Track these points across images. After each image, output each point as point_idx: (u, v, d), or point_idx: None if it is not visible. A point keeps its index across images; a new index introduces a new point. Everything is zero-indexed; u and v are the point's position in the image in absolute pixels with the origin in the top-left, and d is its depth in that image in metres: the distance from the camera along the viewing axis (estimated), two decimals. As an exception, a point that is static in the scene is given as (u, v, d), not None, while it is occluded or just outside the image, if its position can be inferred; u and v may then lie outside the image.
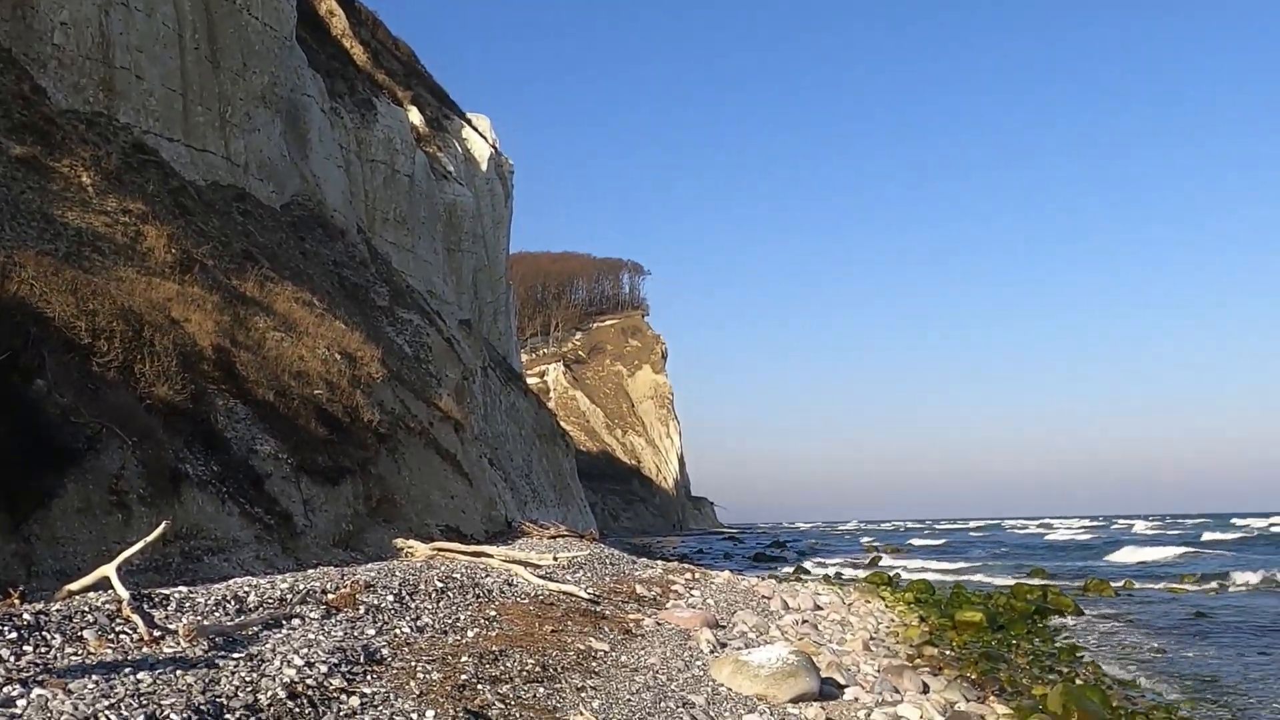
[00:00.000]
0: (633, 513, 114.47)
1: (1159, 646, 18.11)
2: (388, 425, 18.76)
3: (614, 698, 8.28)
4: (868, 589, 23.61)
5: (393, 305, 30.49)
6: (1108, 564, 47.63)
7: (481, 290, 53.77)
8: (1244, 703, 13.21)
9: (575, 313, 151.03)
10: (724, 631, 13.12)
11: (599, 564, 17.98)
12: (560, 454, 61.77)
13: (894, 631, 17.03)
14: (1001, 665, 15.09)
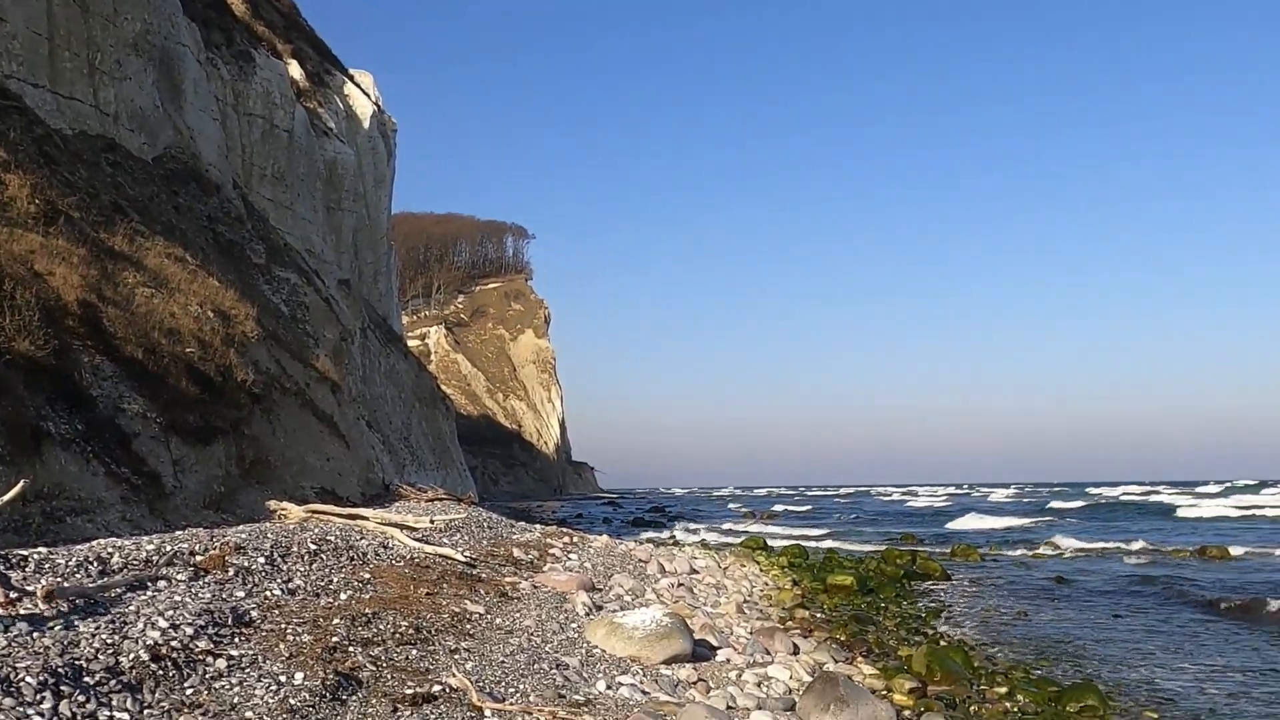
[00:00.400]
0: (513, 477, 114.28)
1: (1020, 609, 18.73)
2: (262, 385, 18.37)
3: (488, 660, 8.29)
4: (743, 553, 23.94)
5: (269, 263, 29.84)
6: (948, 530, 49.37)
7: (362, 250, 52.86)
8: (1093, 661, 13.77)
9: (458, 275, 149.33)
10: (600, 595, 13.21)
11: (477, 527, 17.93)
12: (440, 417, 61.24)
13: (767, 595, 17.32)
14: (870, 628, 15.46)
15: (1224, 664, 13.60)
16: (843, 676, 9.44)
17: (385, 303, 58.06)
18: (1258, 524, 49.92)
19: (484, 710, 6.77)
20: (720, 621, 12.97)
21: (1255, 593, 20.62)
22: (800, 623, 14.86)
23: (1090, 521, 54.68)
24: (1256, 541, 36.49)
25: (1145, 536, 39.89)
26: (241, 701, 5.93)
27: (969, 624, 16.99)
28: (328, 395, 22.85)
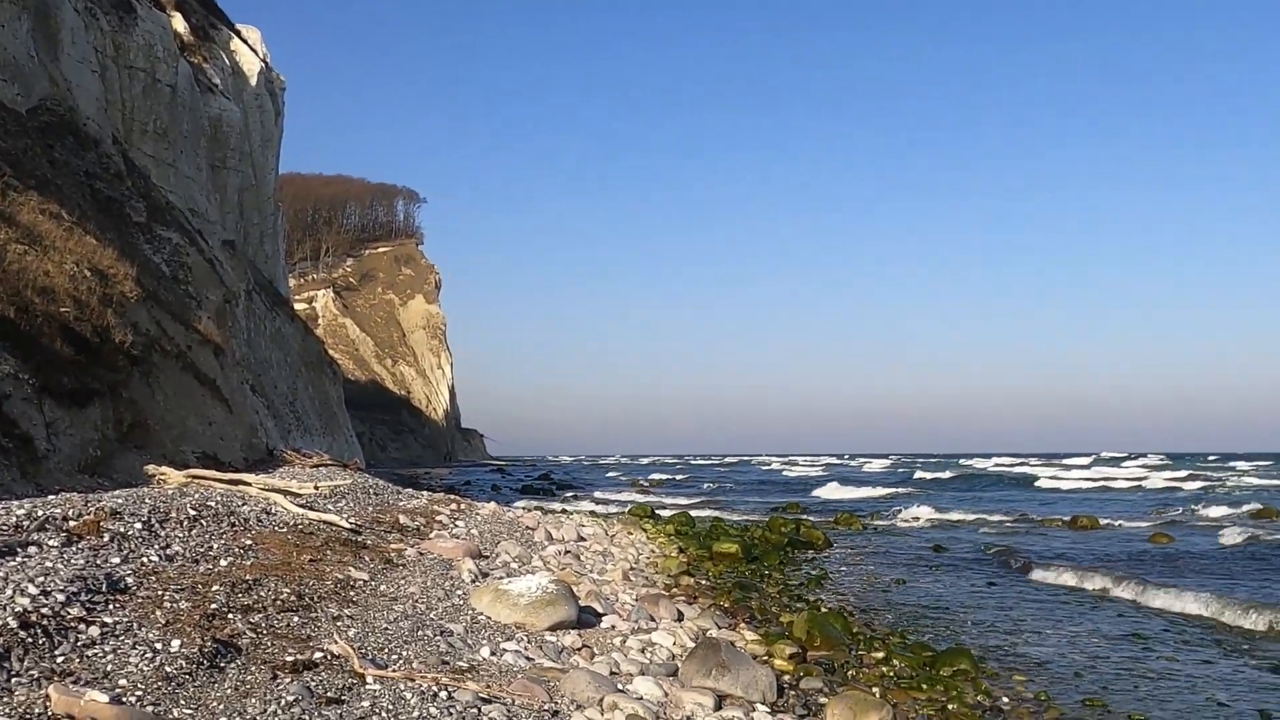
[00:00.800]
0: (401, 443, 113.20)
1: (898, 577, 19.19)
2: (141, 347, 17.91)
3: (371, 626, 8.25)
4: (630, 521, 24.12)
5: (150, 222, 28.98)
6: (810, 498, 50.69)
7: (248, 211, 51.69)
8: (966, 627, 14.20)
9: (347, 238, 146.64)
10: (487, 562, 13.20)
11: (363, 494, 17.77)
12: (327, 382, 60.33)
13: (653, 562, 17.48)
14: (753, 594, 15.71)
15: (1087, 630, 14.11)
16: (725, 642, 9.59)
17: (271, 265, 56.93)
18: (1107, 495, 52.22)
19: (366, 677, 6.74)
20: (606, 588, 13.07)
21: (1116, 561, 21.46)
22: (685, 590, 15.04)
23: (951, 492, 56.48)
24: (1115, 513, 38.01)
25: (999, 506, 41.56)
26: (115, 669, 5.82)
27: (849, 591, 17.37)
28: (210, 358, 22.36)
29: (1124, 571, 19.40)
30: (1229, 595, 16.29)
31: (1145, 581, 17.67)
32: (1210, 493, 53.85)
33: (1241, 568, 20.78)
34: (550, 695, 7.43)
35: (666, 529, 23.63)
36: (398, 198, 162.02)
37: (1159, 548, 25.43)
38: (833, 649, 11.63)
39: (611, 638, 10.24)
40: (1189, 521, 34.69)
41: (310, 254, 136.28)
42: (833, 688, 9.89)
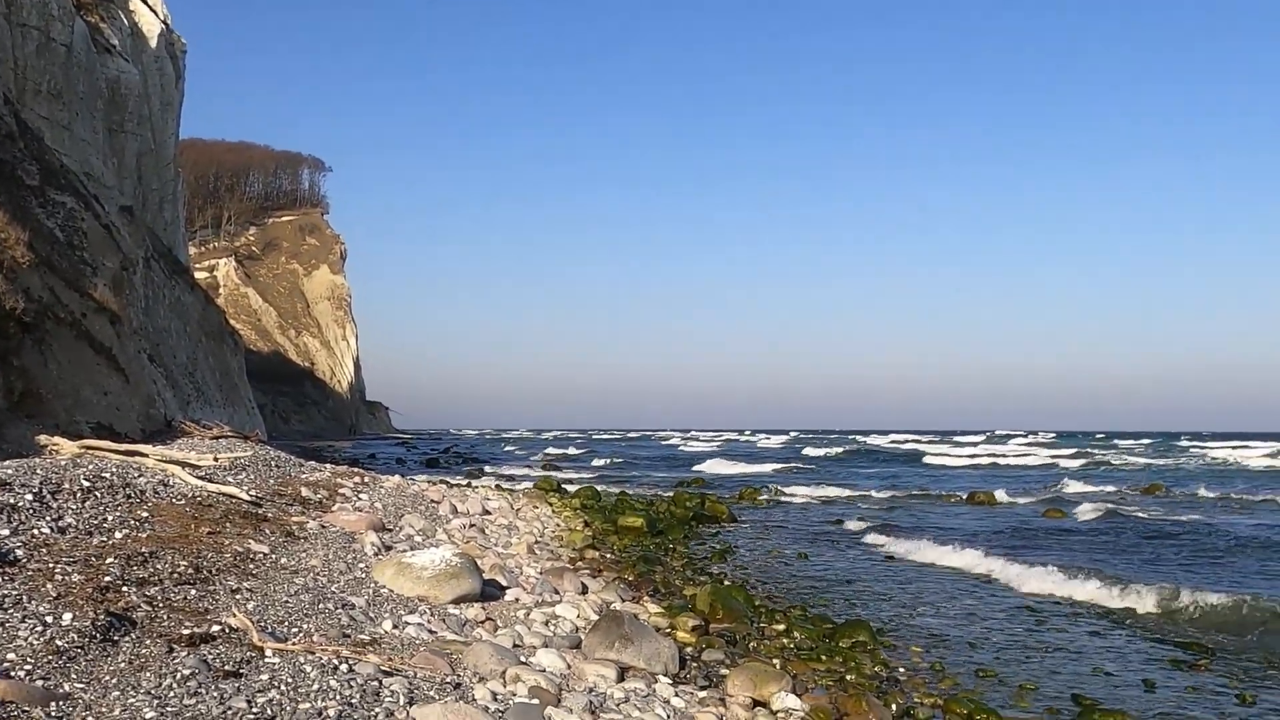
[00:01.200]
0: (305, 415, 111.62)
1: (801, 551, 19.46)
2: (34, 314, 17.42)
3: (271, 599, 8.15)
4: (536, 495, 24.11)
5: (44, 185, 28.09)
6: (693, 472, 51.46)
7: (146, 176, 50.42)
8: (866, 600, 14.48)
9: (250, 206, 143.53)
10: (390, 535, 13.12)
11: (264, 466, 17.49)
12: (228, 353, 59.18)
13: (558, 536, 17.51)
14: (657, 568, 15.82)
15: (982, 604, 14.48)
16: (628, 615, 9.64)
17: (171, 232, 55.66)
18: (996, 472, 53.71)
19: (265, 650, 6.67)
20: (511, 562, 13.07)
21: (1006, 537, 22.05)
22: (590, 563, 15.10)
23: (848, 467, 57.66)
24: (1013, 487, 39.02)
25: (888, 483, 42.42)
26: (3, 643, 5.68)
27: (751, 565, 17.58)
28: (106, 326, 21.82)
29: (1017, 546, 19.91)
30: (1115, 571, 16.82)
31: (1033, 558, 18.16)
32: (1096, 469, 55.55)
33: (1128, 542, 21.44)
34: (453, 667, 7.42)
35: (572, 503, 23.66)
36: (303, 166, 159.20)
37: (1053, 522, 26.14)
38: (735, 621, 11.76)
39: (515, 610, 10.25)
40: (1073, 498, 35.67)
41: (211, 222, 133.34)
42: (734, 659, 10.01)
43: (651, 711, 7.57)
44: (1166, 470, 54.78)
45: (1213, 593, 14.18)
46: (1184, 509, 30.42)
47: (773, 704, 8.36)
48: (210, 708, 5.44)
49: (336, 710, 5.83)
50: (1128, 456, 69.61)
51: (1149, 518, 26.61)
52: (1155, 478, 46.58)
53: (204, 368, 51.21)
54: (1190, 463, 63.30)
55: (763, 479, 45.78)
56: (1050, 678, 10.24)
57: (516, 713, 6.63)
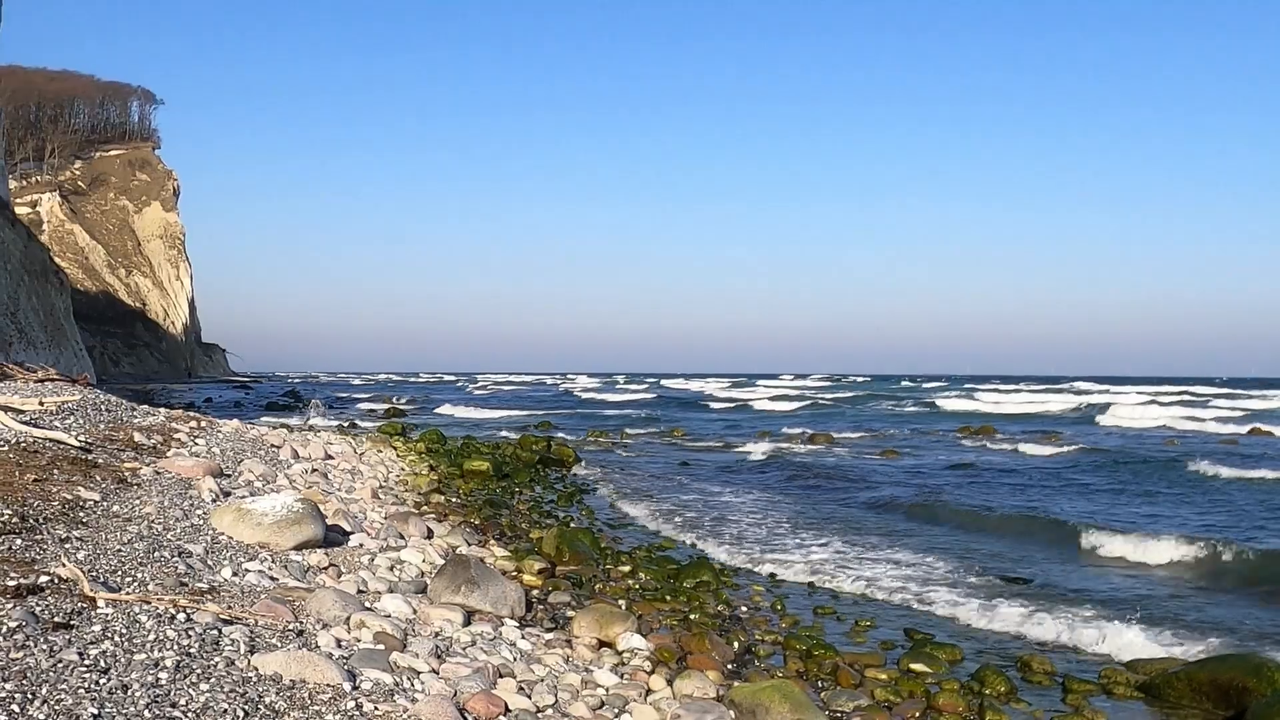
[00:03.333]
0: (136, 358, 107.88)
1: (647, 491, 19.72)
2: None
3: (102, 548, 7.88)
4: (380, 439, 23.79)
5: None
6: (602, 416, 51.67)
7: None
8: (710, 540, 14.75)
9: (75, 139, 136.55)
10: (229, 481, 12.81)
11: (93, 410, 16.85)
12: (53, 292, 56.66)
13: (404, 480, 17.35)
14: (504, 512, 15.83)
15: (826, 540, 14.90)
16: (474, 559, 9.64)
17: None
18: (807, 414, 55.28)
19: (97, 601, 6.46)
20: (354, 507, 12.90)
21: (844, 471, 22.72)
22: (435, 508, 15.01)
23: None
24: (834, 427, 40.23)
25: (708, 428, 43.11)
26: None
27: (598, 507, 17.73)
28: (-82, 264, 20.65)
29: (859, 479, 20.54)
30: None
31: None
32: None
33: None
34: (295, 615, 7.31)
35: (417, 447, 23.44)
36: (132, 97, 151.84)
37: (891, 462, 27.05)
38: (581, 564, 11.87)
39: (359, 556, 10.14)
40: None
41: (33, 154, 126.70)
42: (580, 601, 10.11)
43: (498, 654, 7.59)
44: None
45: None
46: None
47: (618, 644, 8.47)
48: (39, 660, 5.25)
49: (174, 660, 5.70)
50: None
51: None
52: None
53: (26, 308, 48.95)
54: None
55: (608, 422, 46.13)
56: (886, 615, 10.63)
57: (361, 659, 6.58)
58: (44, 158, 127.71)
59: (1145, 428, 45.30)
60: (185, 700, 5.19)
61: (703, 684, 7.48)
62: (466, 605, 8.66)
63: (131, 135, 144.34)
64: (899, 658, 8.81)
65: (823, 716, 6.83)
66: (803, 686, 7.41)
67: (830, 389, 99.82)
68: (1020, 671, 8.65)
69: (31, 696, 4.77)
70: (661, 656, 8.28)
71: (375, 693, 6.01)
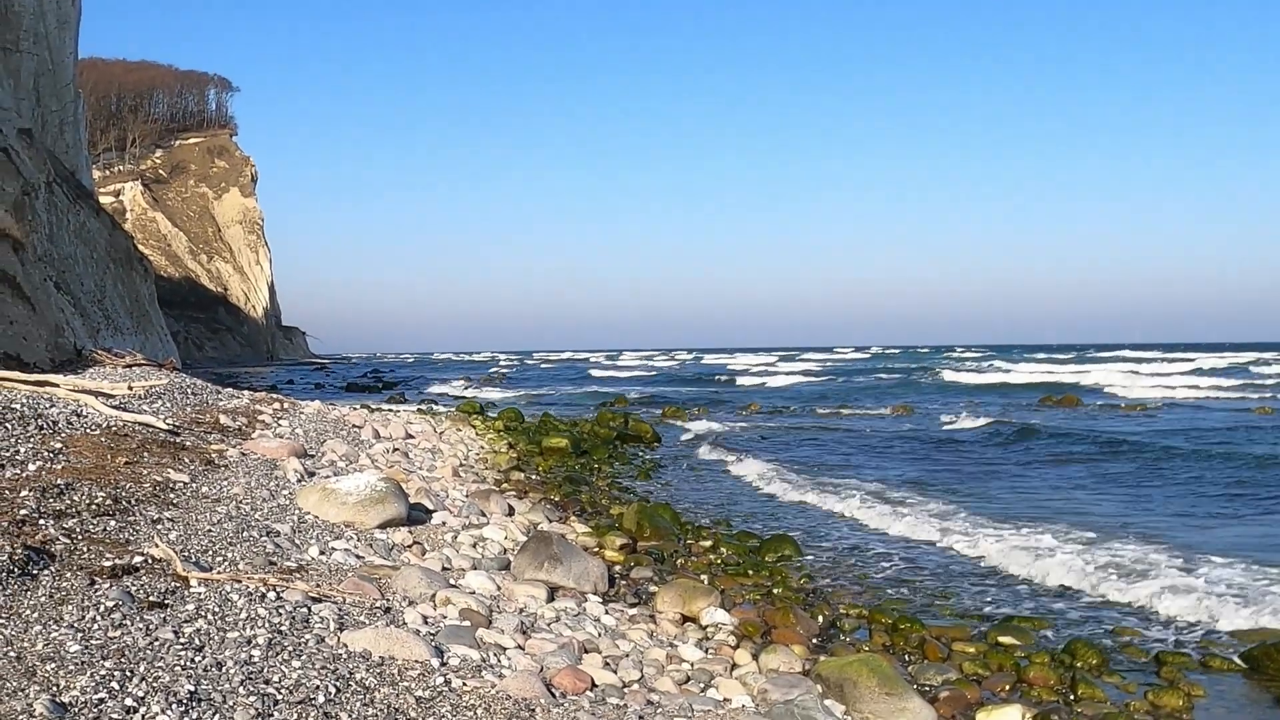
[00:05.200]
0: (219, 342, 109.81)
1: (726, 467, 19.65)
2: (-69, 242, 16.82)
3: (193, 529, 8.02)
4: (459, 417, 23.98)
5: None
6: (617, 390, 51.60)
7: (45, 98, 48.72)
8: (789, 514, 14.64)
9: (155, 128, 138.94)
10: (313, 461, 12.97)
11: (180, 394, 17.17)
12: (138, 279, 57.80)
13: (483, 458, 17.47)
14: (583, 488, 15.85)
15: (905, 517, 14.68)
16: (556, 535, 9.67)
17: (73, 156, 54.00)
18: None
19: (190, 580, 6.57)
20: (436, 485, 13.00)
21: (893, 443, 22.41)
22: (515, 485, 15.09)
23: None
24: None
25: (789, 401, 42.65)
26: (-83, 580, 5.53)
27: (678, 482, 17.70)
28: (8, 253, 21.16)
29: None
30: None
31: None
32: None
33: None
34: (382, 592, 7.39)
35: (495, 425, 23.58)
36: (209, 86, 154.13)
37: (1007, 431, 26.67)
38: (662, 539, 11.86)
39: (442, 534, 10.22)
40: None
41: (115, 145, 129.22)
42: (662, 576, 10.11)
43: (582, 629, 7.61)
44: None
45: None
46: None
47: (701, 619, 8.46)
48: (136, 639, 5.36)
49: (266, 638, 5.78)
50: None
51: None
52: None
53: (113, 295, 50.05)
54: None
55: (685, 399, 45.98)
56: (970, 589, 10.47)
57: (448, 635, 6.63)
58: (125, 148, 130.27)
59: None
60: (278, 677, 5.26)
61: (788, 658, 7.43)
62: (550, 581, 8.70)
63: (209, 123, 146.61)
64: (987, 630, 8.68)
65: (911, 690, 6.74)
66: (890, 660, 7.32)
67: (862, 362, 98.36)
68: (1112, 642, 8.48)
69: (130, 674, 4.86)
70: (746, 631, 8.25)
71: (463, 668, 6.05)
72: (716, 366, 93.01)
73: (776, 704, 6.19)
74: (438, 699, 5.43)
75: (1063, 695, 7.28)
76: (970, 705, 6.99)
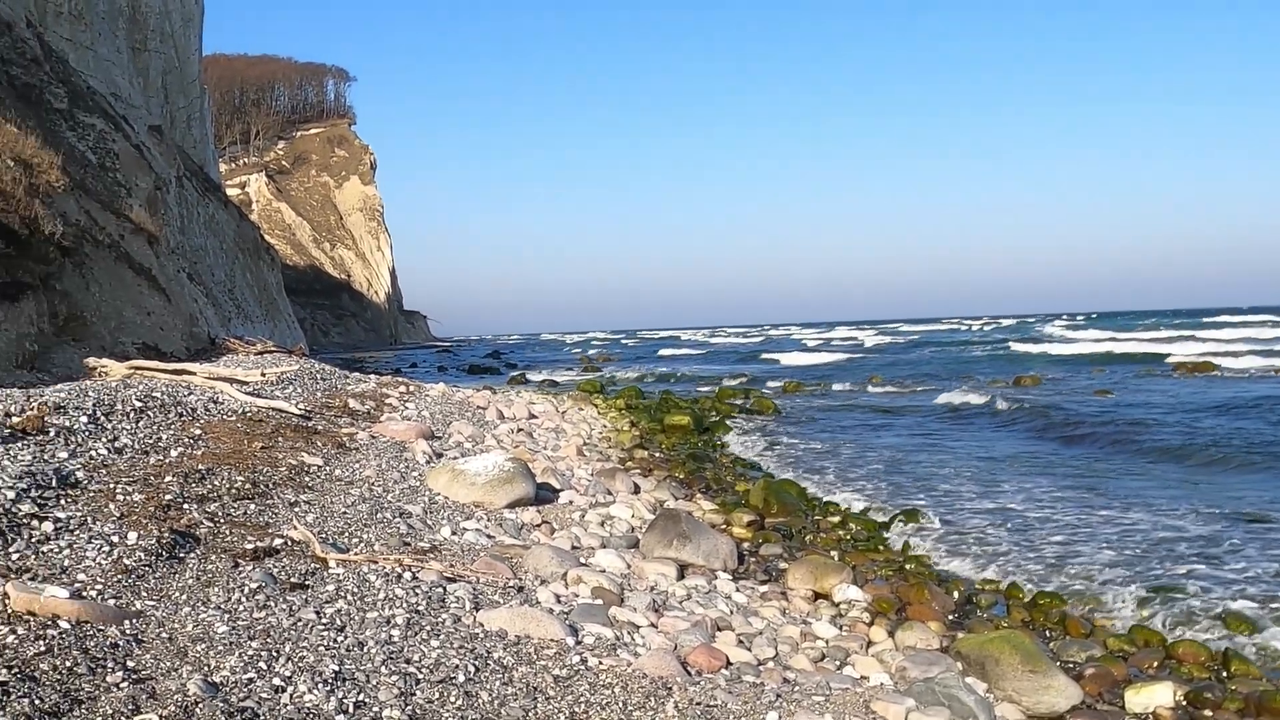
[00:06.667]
0: (344, 328, 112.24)
1: (851, 441, 19.41)
2: (72, 238, 17.40)
3: (329, 511, 8.18)
4: (580, 397, 24.12)
5: (72, 108, 27.97)
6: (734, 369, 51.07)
7: (172, 94, 50.16)
8: (919, 487, 14.35)
9: (277, 120, 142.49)
10: (440, 443, 13.14)
11: (309, 379, 17.57)
12: (265, 268, 59.39)
13: (606, 437, 17.54)
14: (708, 465, 15.81)
15: (1032, 485, 14.31)
16: (684, 513, 9.65)
17: (201, 149, 55.56)
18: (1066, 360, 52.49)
19: (328, 561, 6.69)
20: (561, 464, 13.08)
21: (1081, 421, 21.82)
22: (639, 463, 15.11)
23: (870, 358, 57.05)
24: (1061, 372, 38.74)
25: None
26: (73, 564, 5.71)
27: (803, 456, 17.52)
28: (144, 247, 21.85)
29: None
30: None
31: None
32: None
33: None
34: (514, 571, 7.44)
35: (617, 404, 23.67)
36: (327, 77, 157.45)
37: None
38: (789, 515, 11.75)
39: (570, 513, 10.27)
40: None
41: (240, 138, 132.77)
42: (792, 553, 10.02)
43: (714, 607, 7.58)
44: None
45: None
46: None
47: (834, 596, 8.36)
48: (280, 620, 5.47)
49: (404, 618, 5.85)
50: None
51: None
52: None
53: (242, 284, 51.47)
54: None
55: (812, 372, 45.55)
56: (1114, 560, 10.10)
57: (581, 614, 6.65)
58: (249, 140, 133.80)
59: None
60: (418, 656, 5.32)
61: (925, 635, 7.30)
62: (679, 559, 8.68)
63: (328, 113, 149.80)
64: (1132, 604, 8.39)
65: (1055, 667, 6.56)
66: (1031, 636, 7.12)
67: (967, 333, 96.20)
68: (1266, 614, 8.13)
69: (276, 654, 4.96)
70: (880, 608, 8.13)
71: (598, 647, 6.06)
72: (837, 340, 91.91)
73: (916, 682, 6.08)
74: (575, 678, 5.44)
75: (1214, 672, 7.02)
76: (1117, 683, 6.78)
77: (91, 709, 4.04)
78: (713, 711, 5.30)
